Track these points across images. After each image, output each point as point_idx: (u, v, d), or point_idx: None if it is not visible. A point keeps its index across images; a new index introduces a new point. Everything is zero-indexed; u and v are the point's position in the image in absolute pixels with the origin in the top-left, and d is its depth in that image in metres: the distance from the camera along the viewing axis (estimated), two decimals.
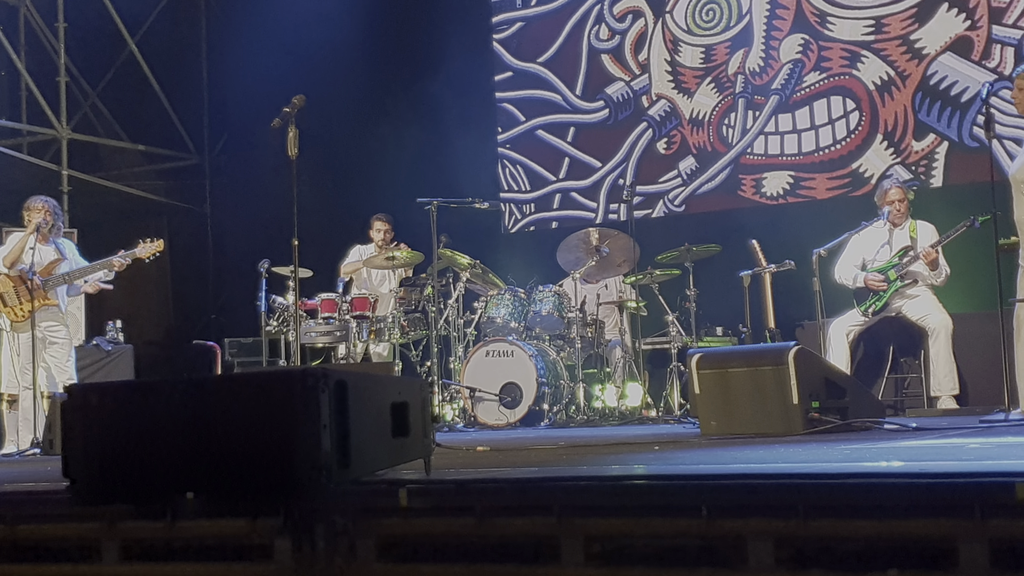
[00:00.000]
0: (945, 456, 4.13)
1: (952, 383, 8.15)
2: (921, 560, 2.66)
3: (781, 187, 10.84)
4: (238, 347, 11.61)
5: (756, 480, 3.06)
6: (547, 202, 12.00)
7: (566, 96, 11.91)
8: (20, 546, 3.57)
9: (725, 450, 4.94)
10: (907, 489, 2.76)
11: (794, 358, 5.88)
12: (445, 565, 3.10)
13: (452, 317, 9.75)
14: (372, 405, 3.52)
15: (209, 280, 13.84)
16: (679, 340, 9.32)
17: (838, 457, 4.14)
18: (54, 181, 12.50)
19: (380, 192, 11.39)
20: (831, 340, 8.37)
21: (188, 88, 13.91)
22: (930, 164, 10.19)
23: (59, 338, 8.72)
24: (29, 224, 8.71)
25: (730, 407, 6.11)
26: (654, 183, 11.38)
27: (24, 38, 13.41)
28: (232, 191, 13.67)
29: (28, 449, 8.25)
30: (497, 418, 9.19)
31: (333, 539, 3.18)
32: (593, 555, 2.95)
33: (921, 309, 8.33)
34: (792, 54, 10.83)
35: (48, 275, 8.62)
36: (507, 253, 11.35)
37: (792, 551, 2.76)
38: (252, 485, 3.27)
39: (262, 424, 3.25)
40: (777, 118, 10.89)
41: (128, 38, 13.38)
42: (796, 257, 8.92)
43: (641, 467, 4.15)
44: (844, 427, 5.87)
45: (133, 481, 3.41)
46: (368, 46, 12.20)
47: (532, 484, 3.26)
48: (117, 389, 3.72)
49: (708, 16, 11.25)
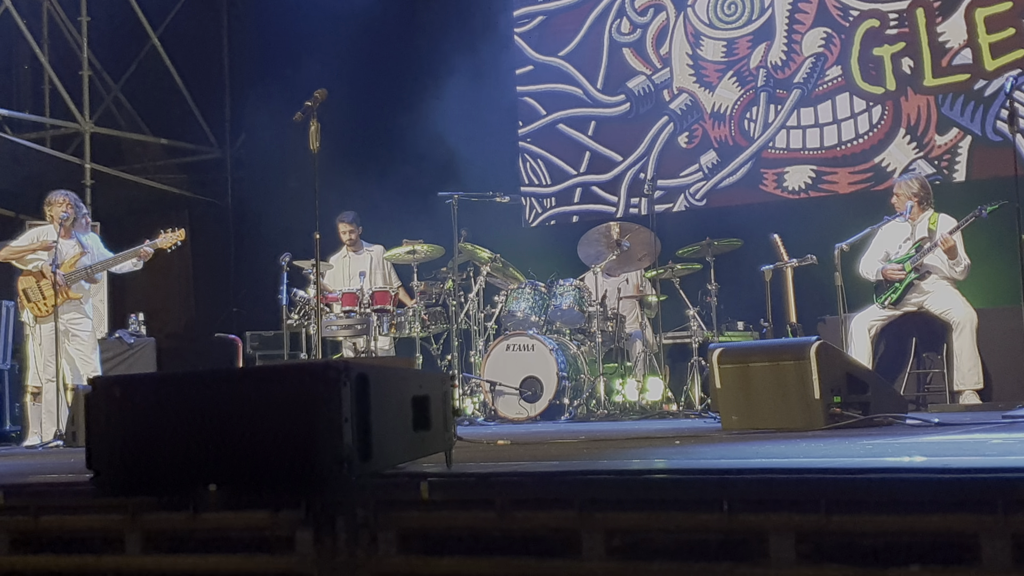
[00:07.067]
0: (968, 451, 4.12)
1: (976, 377, 8.10)
2: (943, 555, 2.65)
3: (803, 181, 10.81)
4: (259, 340, 11.63)
5: (777, 475, 3.05)
6: (568, 196, 11.99)
7: (587, 90, 11.89)
8: (43, 537, 3.59)
9: (746, 444, 4.93)
10: (929, 484, 2.75)
11: (816, 353, 5.87)
12: (466, 558, 3.10)
13: (472, 311, 9.76)
14: (393, 398, 3.53)
15: (230, 273, 13.87)
16: (700, 334, 9.32)
17: (860, 452, 4.13)
18: (77, 174, 12.55)
19: (401, 185, 11.40)
20: (853, 335, 8.34)
21: (210, 81, 13.94)
22: (953, 158, 10.15)
23: (83, 331, 8.75)
24: (51, 219, 8.76)
25: (751, 402, 6.10)
26: (675, 177, 11.36)
27: (47, 32, 13.48)
28: (254, 185, 13.70)
29: (51, 441, 8.29)
30: (517, 412, 9.20)
31: (355, 531, 3.19)
32: (614, 549, 2.95)
33: (944, 303, 8.28)
34: (815, 48, 10.79)
35: (71, 269, 8.66)
36: (528, 247, 11.34)
37: (813, 546, 2.75)
38: (274, 477, 3.28)
39: (284, 417, 3.26)
40: (799, 112, 10.86)
41: (150, 32, 13.42)
42: (818, 252, 8.89)
43: (662, 461, 4.16)
44: (866, 422, 5.86)
45: (156, 473, 3.43)
46: (389, 40, 12.21)
47: (553, 478, 3.26)
48: (141, 382, 3.74)
49: (730, 10, 11.22)
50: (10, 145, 12.20)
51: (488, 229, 10.52)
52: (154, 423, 3.43)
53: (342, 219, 10.56)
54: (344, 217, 10.56)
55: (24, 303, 8.72)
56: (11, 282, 9.12)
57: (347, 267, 10.46)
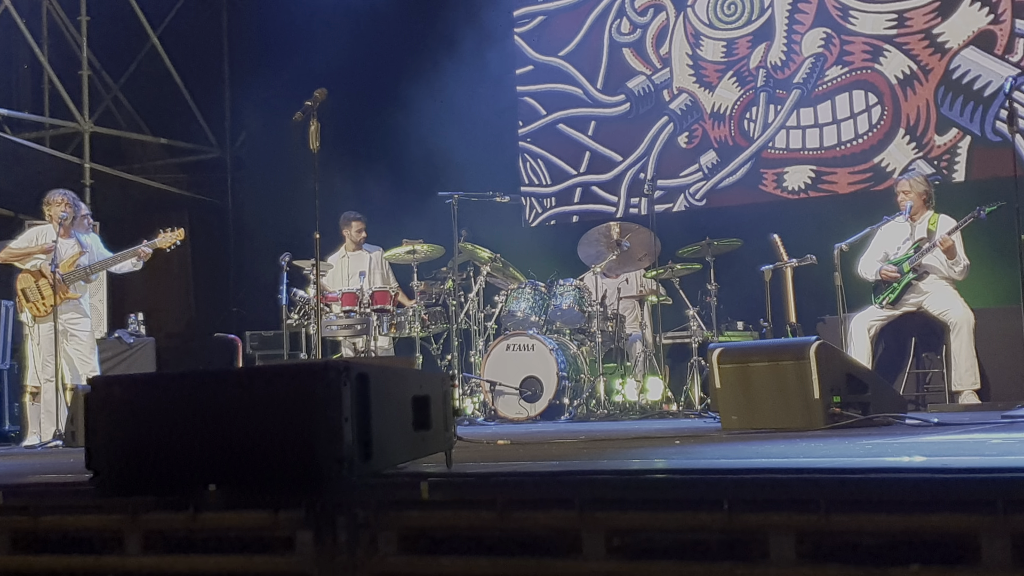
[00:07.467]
0: (967, 451, 4.12)
1: (974, 378, 8.11)
2: (943, 555, 2.65)
3: (803, 181, 10.81)
4: (259, 340, 11.63)
5: (777, 474, 3.06)
6: (568, 196, 11.98)
7: (587, 90, 11.89)
8: (43, 537, 3.59)
9: (746, 444, 4.93)
10: (929, 484, 2.75)
11: (815, 353, 5.87)
12: (466, 558, 3.10)
13: (473, 311, 9.76)
14: (394, 398, 3.53)
15: (230, 273, 13.87)
16: (700, 334, 9.32)
17: (860, 452, 4.13)
18: (76, 174, 12.56)
19: (401, 186, 11.40)
20: (852, 335, 8.34)
21: (209, 81, 13.94)
22: (952, 159, 10.15)
23: (81, 330, 8.75)
24: (50, 219, 8.76)
25: (751, 402, 6.10)
26: (675, 177, 11.36)
27: (47, 32, 13.48)
28: (253, 184, 13.70)
29: (50, 441, 8.29)
30: (517, 412, 9.20)
31: (355, 531, 3.19)
32: (614, 549, 2.95)
33: (942, 303, 8.28)
34: (814, 48, 10.79)
35: (69, 269, 8.65)
36: (528, 247, 11.33)
37: (813, 545, 2.76)
38: (274, 477, 3.28)
39: (284, 417, 3.26)
40: (799, 112, 10.86)
41: (150, 31, 13.43)
42: (817, 252, 8.89)
43: (662, 461, 4.15)
44: (865, 422, 5.86)
45: (156, 473, 3.42)
46: (389, 40, 12.20)
47: (553, 477, 3.26)
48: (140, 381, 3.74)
49: (730, 10, 11.22)
50: (10, 145, 12.21)
51: (488, 229, 10.51)
52: (154, 423, 3.43)
53: (356, 217, 10.55)
54: (357, 216, 10.55)
55: (23, 303, 8.71)
56: (10, 282, 9.12)
57: (346, 267, 10.45)
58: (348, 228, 10.52)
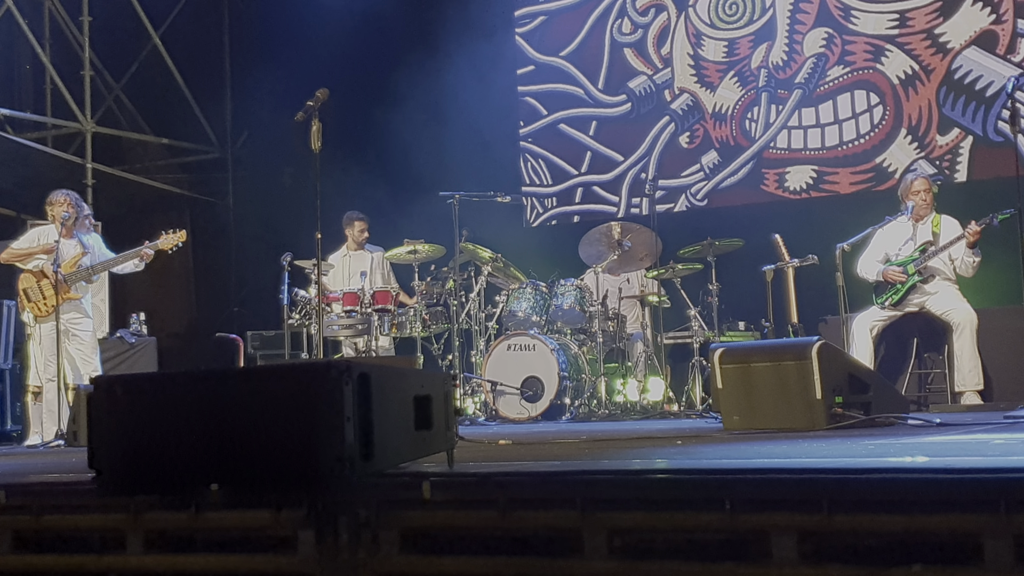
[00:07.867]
0: (970, 451, 4.12)
1: (976, 378, 8.10)
2: (946, 555, 2.65)
3: (804, 181, 10.80)
4: (260, 340, 11.64)
5: (779, 475, 3.05)
6: (569, 196, 11.99)
7: (588, 90, 11.89)
8: (45, 537, 3.59)
9: (748, 445, 4.93)
10: (931, 484, 2.75)
11: (817, 353, 5.86)
12: (467, 558, 3.10)
13: (474, 311, 9.76)
14: (395, 398, 3.53)
15: (232, 273, 13.88)
16: (701, 334, 9.31)
17: (862, 452, 4.13)
18: (78, 174, 12.56)
19: (402, 185, 11.40)
20: (854, 335, 8.33)
21: (211, 81, 13.95)
22: (954, 159, 10.15)
23: (83, 330, 8.75)
24: (52, 219, 8.76)
25: (753, 402, 6.09)
26: (676, 177, 11.36)
27: (49, 32, 13.48)
28: (255, 184, 13.71)
29: (52, 440, 8.29)
30: (519, 412, 9.19)
31: (356, 531, 3.19)
32: (616, 548, 2.95)
33: (945, 304, 8.28)
34: (816, 48, 10.79)
35: (72, 269, 8.66)
36: (529, 247, 11.33)
37: (815, 546, 2.75)
38: (276, 477, 3.28)
39: (286, 416, 3.26)
40: (800, 112, 10.85)
41: (152, 32, 13.43)
42: (819, 252, 8.88)
43: (664, 461, 4.15)
44: (867, 422, 5.85)
45: (158, 472, 3.43)
46: (390, 40, 12.21)
47: (555, 477, 3.26)
48: (143, 381, 3.74)
49: (731, 10, 11.22)
50: (12, 145, 12.20)
51: (489, 229, 10.51)
52: (156, 423, 3.43)
53: (359, 217, 10.57)
54: (360, 216, 10.56)
55: (24, 303, 8.72)
56: (12, 282, 9.12)
57: (347, 267, 10.46)
58: (351, 228, 10.53)
